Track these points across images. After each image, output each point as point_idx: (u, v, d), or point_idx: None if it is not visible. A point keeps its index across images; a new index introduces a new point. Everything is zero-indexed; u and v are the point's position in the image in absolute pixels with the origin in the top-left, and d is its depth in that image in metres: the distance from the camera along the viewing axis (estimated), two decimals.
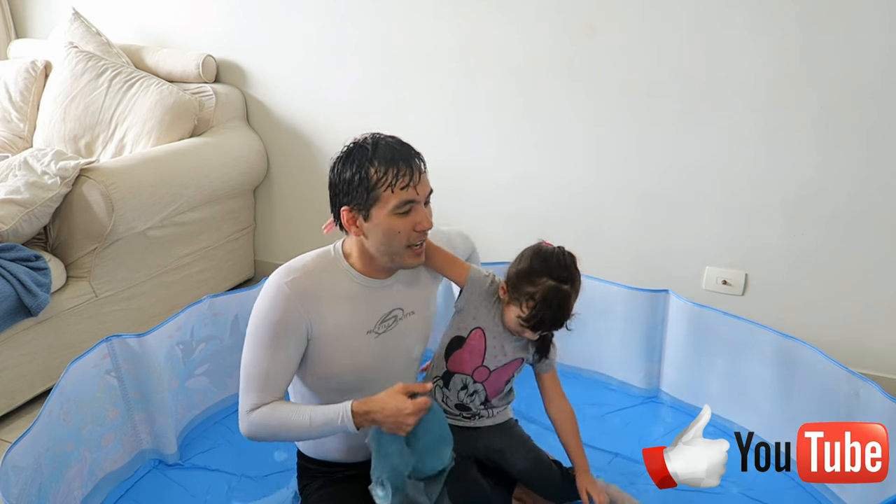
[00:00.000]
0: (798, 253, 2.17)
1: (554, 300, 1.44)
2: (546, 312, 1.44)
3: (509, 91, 2.38)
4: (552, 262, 1.47)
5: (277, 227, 2.90)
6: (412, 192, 1.36)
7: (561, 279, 1.45)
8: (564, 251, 1.51)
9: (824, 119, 2.03)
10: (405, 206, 1.36)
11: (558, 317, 1.46)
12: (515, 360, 1.57)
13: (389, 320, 1.47)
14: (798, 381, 1.81)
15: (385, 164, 1.35)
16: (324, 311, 1.40)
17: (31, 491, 1.43)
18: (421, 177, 1.38)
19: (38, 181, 2.08)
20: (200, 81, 2.70)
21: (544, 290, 1.44)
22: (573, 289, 1.47)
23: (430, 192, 1.42)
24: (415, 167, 1.37)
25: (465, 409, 1.59)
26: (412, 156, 1.38)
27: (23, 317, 1.97)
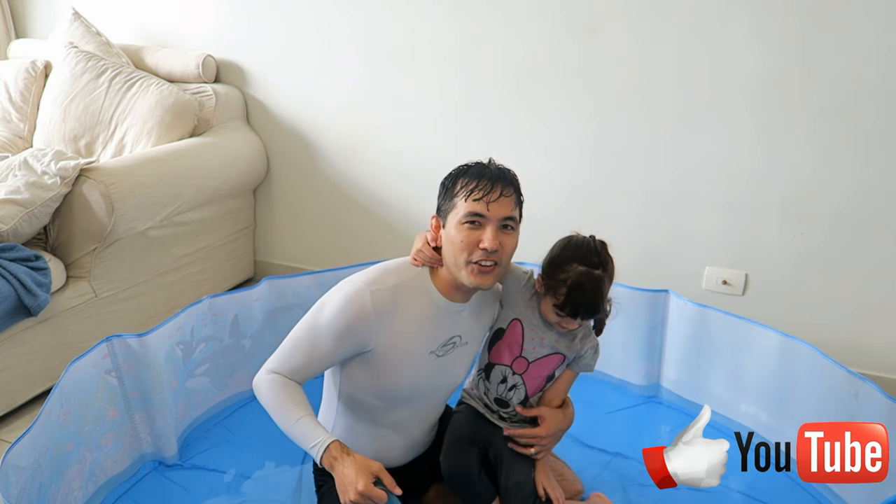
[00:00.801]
0: (798, 253, 2.17)
1: (586, 284, 1.44)
2: (579, 297, 1.44)
3: (510, 91, 2.38)
4: (582, 249, 1.49)
5: (277, 227, 2.90)
6: (482, 206, 1.38)
7: (591, 264, 1.47)
8: (595, 238, 1.53)
9: (824, 119, 2.03)
10: (473, 217, 1.39)
11: (592, 301, 1.45)
12: (555, 354, 1.55)
13: (449, 346, 1.50)
14: (798, 380, 1.81)
15: (470, 177, 1.42)
16: (396, 327, 1.43)
17: (31, 491, 1.43)
18: (499, 197, 1.40)
19: (38, 181, 2.08)
20: (200, 81, 2.70)
21: (576, 276, 1.45)
22: (605, 273, 1.48)
23: (510, 219, 1.42)
24: (496, 186, 1.40)
25: (504, 406, 1.58)
26: (499, 178, 1.42)
27: (23, 317, 1.97)
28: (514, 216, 1.44)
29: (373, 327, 1.41)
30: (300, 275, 2.15)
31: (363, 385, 1.50)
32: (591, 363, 1.60)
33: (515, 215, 1.44)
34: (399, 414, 1.54)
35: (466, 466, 1.54)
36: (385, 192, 2.65)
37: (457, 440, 1.58)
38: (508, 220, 1.42)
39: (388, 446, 1.56)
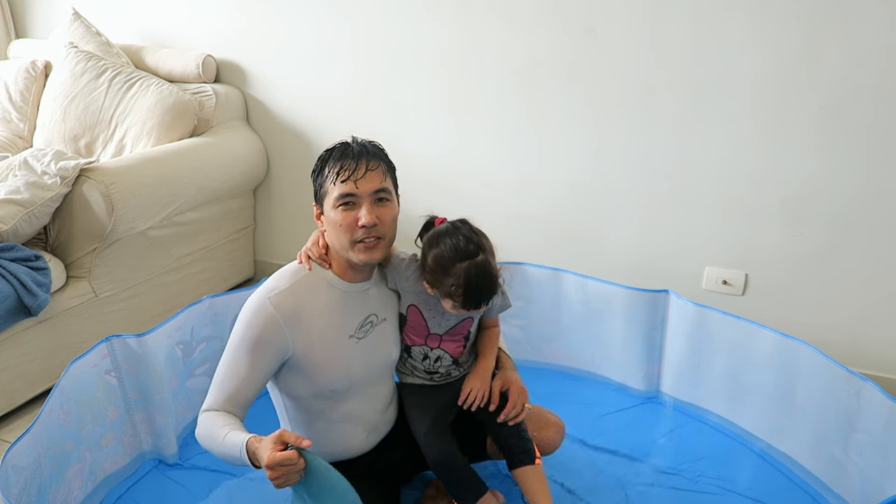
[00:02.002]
0: (798, 253, 2.17)
1: (476, 276, 1.41)
2: (475, 291, 1.42)
3: (509, 92, 2.38)
4: (451, 244, 1.44)
5: (277, 227, 2.90)
6: (351, 186, 1.39)
7: (470, 254, 1.43)
8: (455, 224, 1.49)
9: (824, 119, 2.03)
10: (345, 198, 1.40)
11: (489, 287, 1.43)
12: (464, 320, 1.54)
13: (367, 326, 1.51)
14: (798, 381, 1.81)
15: (335, 159, 1.43)
16: (307, 324, 1.43)
17: (31, 491, 1.43)
18: (366, 173, 1.40)
19: (38, 181, 2.08)
20: (200, 81, 2.70)
21: (464, 275, 1.41)
22: (486, 253, 1.44)
23: (382, 190, 1.42)
24: (361, 164, 1.41)
25: (435, 373, 1.59)
26: (362, 153, 1.43)
27: (23, 317, 1.97)
28: (386, 187, 1.44)
29: (284, 332, 1.41)
30: None
31: (301, 390, 1.50)
32: (504, 304, 1.60)
33: (387, 185, 1.44)
34: (347, 405, 1.53)
35: (450, 453, 1.53)
36: None
37: (430, 429, 1.55)
38: (380, 192, 1.42)
39: (348, 438, 1.56)
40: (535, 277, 2.19)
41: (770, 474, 1.85)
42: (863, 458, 1.66)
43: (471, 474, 1.54)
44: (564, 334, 2.23)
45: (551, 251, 2.46)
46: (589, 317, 2.16)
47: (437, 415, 1.57)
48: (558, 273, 2.16)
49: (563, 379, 2.23)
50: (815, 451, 1.79)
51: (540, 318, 2.23)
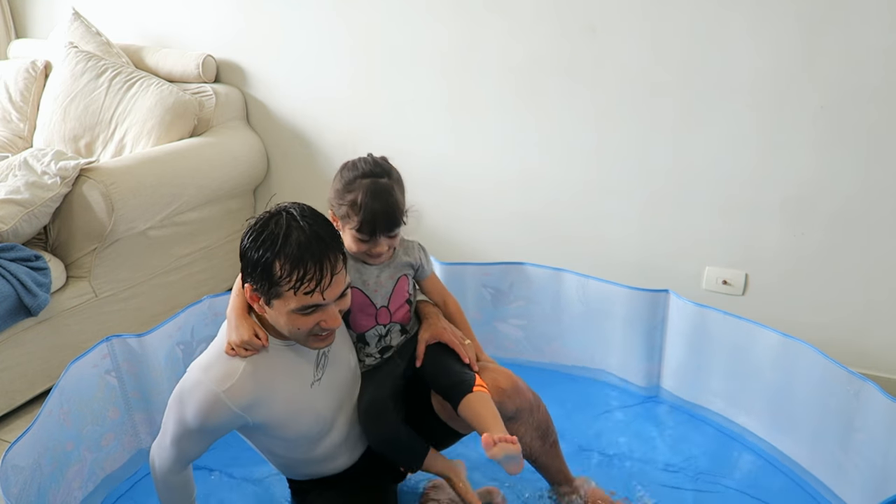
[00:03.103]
0: (798, 253, 2.16)
1: (376, 193, 1.40)
2: (374, 209, 1.39)
3: (509, 91, 2.38)
4: (360, 166, 1.45)
5: None
6: (318, 298, 1.24)
7: (375, 174, 1.43)
8: (370, 155, 1.49)
9: (824, 119, 2.03)
10: (308, 309, 1.26)
11: (388, 210, 1.40)
12: (400, 279, 1.54)
13: (322, 359, 1.44)
14: (798, 380, 1.81)
15: (291, 263, 1.22)
16: (268, 400, 1.35)
17: (31, 491, 1.43)
18: (332, 279, 1.24)
19: (38, 181, 2.08)
20: (200, 81, 2.70)
21: (363, 189, 1.40)
22: (392, 179, 1.45)
23: (346, 289, 1.31)
24: (326, 269, 1.23)
25: (387, 348, 1.58)
26: (325, 253, 1.23)
27: (23, 317, 1.97)
28: (349, 280, 1.32)
29: (243, 418, 1.34)
30: None
31: (277, 449, 1.48)
32: (429, 260, 1.62)
33: (348, 279, 1.32)
34: (326, 440, 1.49)
35: (391, 428, 1.48)
36: None
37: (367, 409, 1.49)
38: (345, 289, 1.30)
39: (332, 461, 1.54)
40: (535, 277, 2.19)
41: (770, 473, 1.85)
42: (863, 458, 1.66)
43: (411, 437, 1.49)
44: (565, 334, 2.22)
45: (552, 251, 2.46)
46: (589, 316, 2.16)
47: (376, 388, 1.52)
48: (559, 273, 2.16)
49: (564, 378, 2.23)
50: (815, 450, 1.79)
51: (540, 317, 2.23)
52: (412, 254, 1.58)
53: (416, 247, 1.60)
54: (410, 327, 1.61)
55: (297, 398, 1.39)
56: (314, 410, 1.44)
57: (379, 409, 1.49)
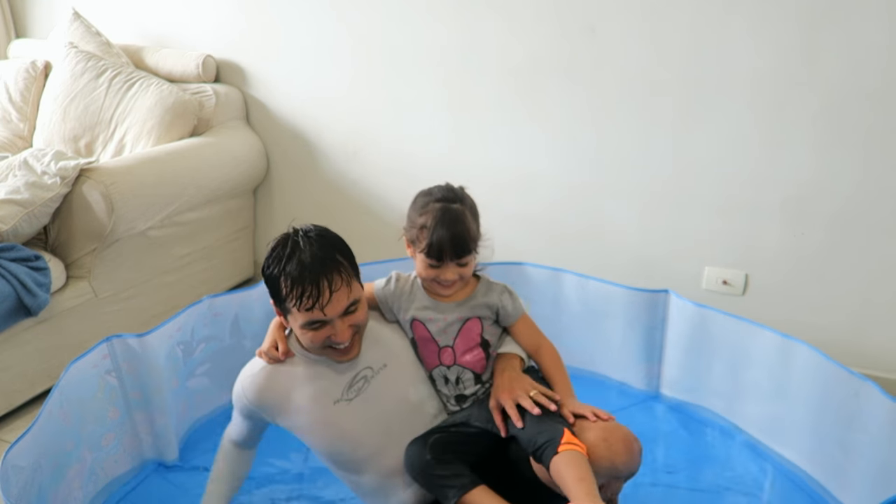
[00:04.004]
0: (798, 253, 2.17)
1: (445, 218, 1.40)
2: (441, 232, 1.38)
3: (509, 91, 2.38)
4: (435, 191, 1.47)
5: (277, 227, 2.90)
6: (318, 314, 1.30)
7: (447, 199, 1.44)
8: (447, 183, 1.50)
9: (824, 119, 2.03)
10: (313, 324, 1.33)
11: (456, 234, 1.39)
12: (469, 320, 1.48)
13: (359, 382, 1.45)
14: (798, 381, 1.81)
15: (292, 281, 1.30)
16: (283, 405, 1.44)
17: (32, 491, 1.43)
18: (332, 296, 1.29)
19: (38, 181, 2.08)
20: (200, 81, 2.70)
21: (434, 213, 1.41)
22: (464, 206, 1.45)
23: (352, 303, 1.34)
24: (323, 287, 1.28)
25: (464, 397, 1.50)
26: (322, 273, 1.29)
27: (23, 317, 1.97)
28: (353, 299, 1.34)
29: (259, 414, 1.48)
30: None
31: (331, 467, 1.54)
32: (517, 304, 1.53)
33: (354, 296, 1.34)
34: (372, 467, 1.46)
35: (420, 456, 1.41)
36: (385, 191, 2.65)
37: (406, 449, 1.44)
38: (351, 305, 1.34)
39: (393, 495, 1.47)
40: (535, 277, 2.19)
41: (769, 474, 1.85)
42: (862, 459, 1.66)
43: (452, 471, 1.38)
44: (564, 334, 2.21)
45: (551, 251, 2.46)
46: (589, 317, 2.16)
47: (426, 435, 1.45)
48: (558, 273, 2.16)
49: None
50: (815, 450, 1.79)
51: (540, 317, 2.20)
52: (492, 296, 1.50)
53: (499, 289, 1.52)
54: (487, 379, 1.50)
55: (315, 411, 1.43)
56: (339, 428, 1.43)
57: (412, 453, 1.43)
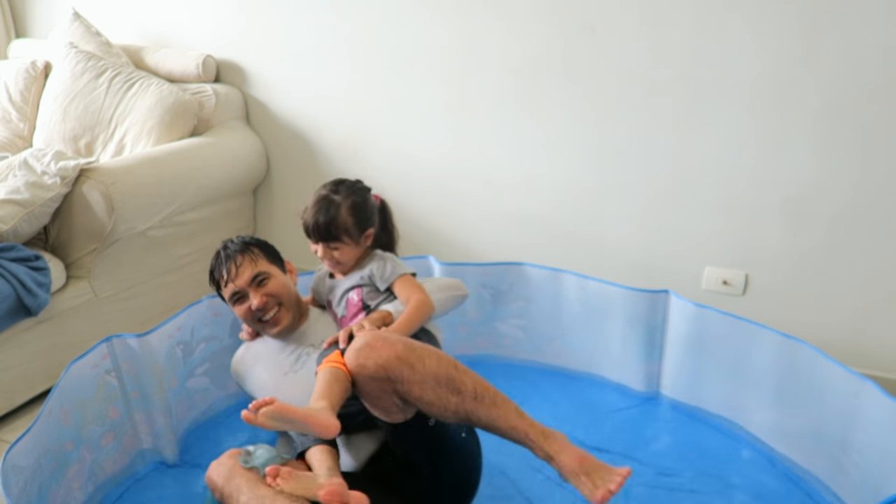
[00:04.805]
0: (798, 253, 2.17)
1: (318, 202, 1.62)
2: (308, 216, 1.62)
3: (508, 91, 2.38)
4: (329, 183, 1.68)
5: (277, 227, 2.90)
6: (231, 287, 1.67)
7: (327, 188, 1.65)
8: (358, 181, 1.71)
9: (824, 119, 2.03)
10: (232, 299, 1.68)
11: (323, 219, 1.60)
12: (352, 289, 1.67)
13: (303, 357, 1.68)
14: (799, 381, 1.81)
15: (210, 271, 1.72)
16: (248, 377, 1.74)
17: (32, 490, 1.43)
18: (237, 270, 1.65)
19: (38, 181, 2.08)
20: (200, 81, 2.70)
21: (311, 199, 1.64)
22: (343, 198, 1.62)
23: (257, 276, 1.66)
24: (230, 266, 1.66)
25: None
26: (228, 257, 1.67)
27: (23, 317, 1.97)
28: (260, 270, 1.67)
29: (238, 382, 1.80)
30: (300, 275, 2.15)
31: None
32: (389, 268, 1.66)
33: (261, 269, 1.67)
34: None
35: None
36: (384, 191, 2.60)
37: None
38: (255, 277, 1.66)
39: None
40: (535, 278, 2.19)
41: (769, 474, 1.85)
42: (863, 458, 1.66)
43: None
44: (564, 334, 2.23)
45: (551, 251, 2.46)
46: (589, 317, 2.16)
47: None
48: (558, 273, 2.16)
49: (563, 379, 2.23)
50: (815, 450, 1.79)
51: (540, 317, 2.24)
52: (367, 265, 1.67)
53: (374, 258, 1.68)
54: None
55: (267, 382, 1.68)
56: (286, 395, 1.43)
57: None
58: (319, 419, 1.27)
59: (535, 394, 2.14)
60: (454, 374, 1.37)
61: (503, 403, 1.37)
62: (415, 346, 1.37)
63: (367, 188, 1.73)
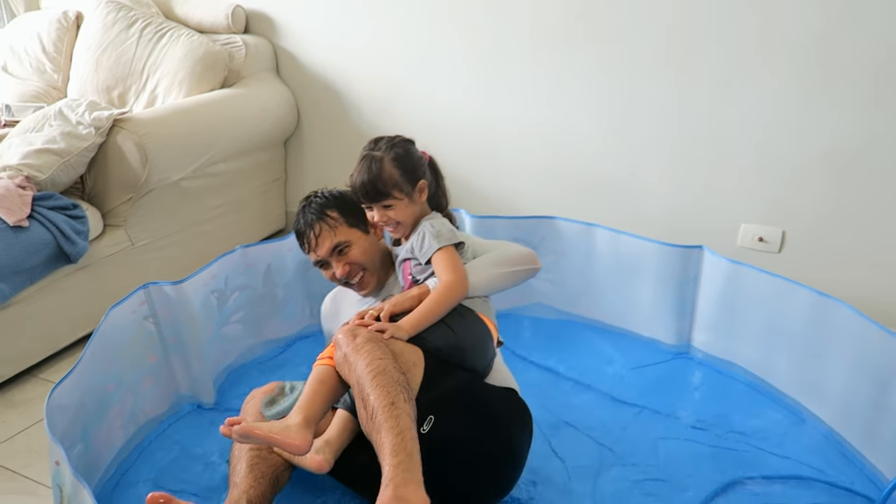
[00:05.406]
0: (838, 210, 2.12)
1: (360, 164, 1.55)
2: (356, 177, 1.54)
3: (541, 42, 2.33)
4: (374, 141, 1.60)
5: (308, 178, 2.91)
6: (314, 256, 1.65)
7: (367, 148, 1.58)
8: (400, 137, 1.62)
9: (869, 74, 1.97)
10: (316, 265, 1.67)
11: (365, 177, 1.52)
12: (405, 261, 1.61)
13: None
14: (834, 340, 1.79)
15: (295, 238, 1.71)
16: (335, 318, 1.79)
17: (76, 430, 1.48)
18: (317, 241, 1.62)
19: (74, 131, 2.10)
20: (230, 32, 2.69)
21: (359, 159, 1.56)
22: (381, 151, 1.55)
23: (337, 245, 1.62)
24: (307, 236, 1.63)
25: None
26: (309, 225, 1.63)
27: (63, 264, 2.02)
28: (340, 240, 1.62)
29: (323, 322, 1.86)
30: None
31: None
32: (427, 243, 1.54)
33: (341, 238, 1.62)
34: None
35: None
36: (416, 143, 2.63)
37: None
38: (335, 248, 1.62)
39: None
40: (566, 231, 2.17)
41: (801, 432, 1.84)
42: None
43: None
44: (596, 289, 2.22)
45: (584, 205, 2.43)
46: (621, 272, 2.15)
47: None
48: (590, 227, 2.15)
49: (594, 333, 2.23)
50: (848, 409, 1.78)
51: (571, 272, 2.23)
52: (413, 237, 1.59)
53: (420, 229, 1.57)
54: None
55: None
56: None
57: None
58: (288, 438, 1.24)
59: (565, 348, 2.14)
60: (367, 386, 1.26)
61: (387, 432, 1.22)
62: (362, 347, 1.30)
63: (409, 140, 1.62)
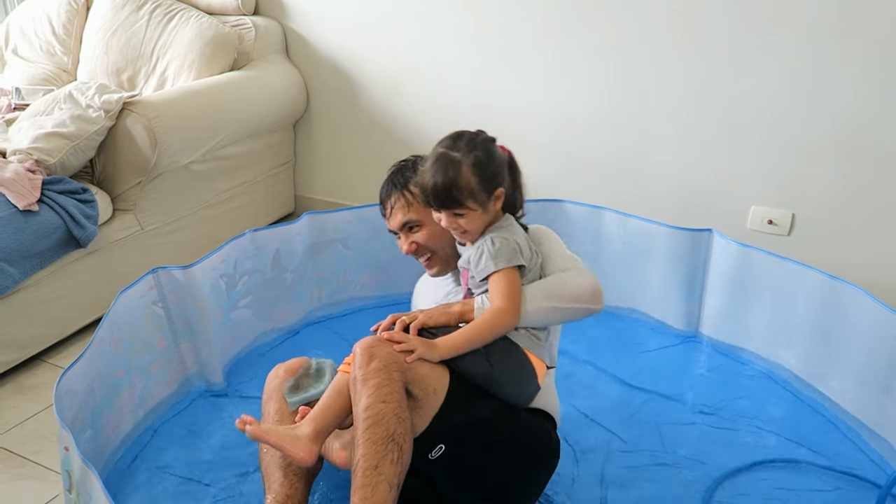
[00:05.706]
0: (849, 192, 2.09)
1: (435, 163, 1.36)
2: (428, 177, 1.36)
3: (550, 23, 2.30)
4: (452, 138, 1.41)
5: (317, 162, 2.90)
6: (390, 224, 1.61)
7: (451, 148, 1.37)
8: (480, 133, 1.43)
9: (882, 55, 1.92)
10: (391, 233, 1.63)
11: (439, 180, 1.34)
12: (464, 269, 1.47)
13: (451, 296, 1.61)
14: (844, 323, 1.77)
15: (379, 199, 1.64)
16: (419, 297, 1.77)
17: (86, 414, 1.50)
18: (392, 211, 1.58)
19: (83, 114, 2.11)
20: (240, 14, 2.67)
21: (430, 157, 1.38)
22: (467, 157, 1.36)
23: (407, 223, 1.56)
24: (388, 204, 1.59)
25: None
26: (389, 193, 1.59)
27: (72, 248, 2.03)
28: (410, 218, 1.55)
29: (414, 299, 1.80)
30: (340, 210, 2.17)
31: None
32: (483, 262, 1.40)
33: (411, 216, 1.55)
34: None
35: None
36: (425, 125, 2.62)
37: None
38: (405, 224, 1.57)
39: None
40: (575, 214, 2.16)
41: (810, 417, 1.83)
42: None
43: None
44: (604, 272, 2.19)
45: (593, 188, 2.41)
46: (630, 255, 2.14)
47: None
48: (599, 210, 2.13)
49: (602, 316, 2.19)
50: (859, 394, 1.76)
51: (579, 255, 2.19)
52: (472, 250, 1.43)
53: (481, 242, 1.42)
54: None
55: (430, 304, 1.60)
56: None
57: None
58: (294, 447, 1.25)
59: (574, 329, 2.14)
60: (358, 434, 1.23)
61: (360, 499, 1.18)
62: (370, 379, 1.25)
63: (491, 139, 1.44)
